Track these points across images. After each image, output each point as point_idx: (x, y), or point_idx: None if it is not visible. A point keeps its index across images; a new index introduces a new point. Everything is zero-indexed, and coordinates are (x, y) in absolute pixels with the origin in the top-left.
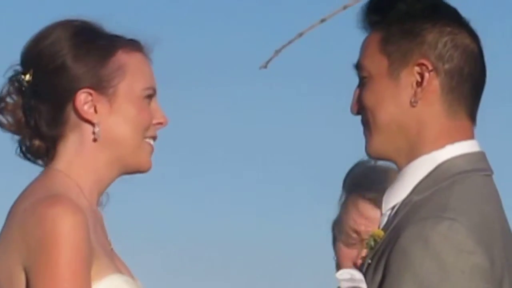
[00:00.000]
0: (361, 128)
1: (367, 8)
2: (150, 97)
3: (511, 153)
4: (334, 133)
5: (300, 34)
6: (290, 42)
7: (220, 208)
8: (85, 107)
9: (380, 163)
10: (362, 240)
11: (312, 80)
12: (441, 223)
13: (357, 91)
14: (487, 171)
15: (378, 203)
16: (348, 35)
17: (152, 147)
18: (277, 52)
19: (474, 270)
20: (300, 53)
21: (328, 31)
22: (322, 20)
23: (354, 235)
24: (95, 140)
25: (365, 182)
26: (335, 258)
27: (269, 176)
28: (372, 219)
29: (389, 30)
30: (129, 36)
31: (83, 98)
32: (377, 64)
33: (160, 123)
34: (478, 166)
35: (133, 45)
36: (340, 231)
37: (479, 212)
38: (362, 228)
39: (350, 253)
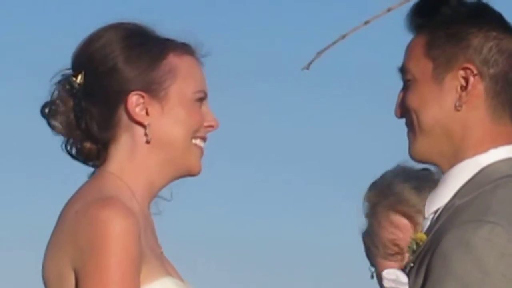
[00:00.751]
0: (399, 132)
1: (412, 11)
2: (201, 100)
3: None
4: (371, 135)
5: (343, 36)
6: (333, 44)
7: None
8: (137, 109)
9: (400, 170)
10: (401, 250)
11: (353, 82)
12: (483, 226)
13: (401, 94)
14: None
15: (409, 216)
16: (392, 38)
17: (201, 150)
18: (319, 53)
19: None
20: (343, 55)
21: (371, 34)
22: (366, 22)
23: (394, 247)
24: (147, 142)
25: (393, 193)
26: (374, 270)
27: (305, 177)
28: (406, 230)
29: (434, 34)
30: (180, 40)
31: (134, 100)
32: (422, 67)
33: (211, 126)
34: None
35: (185, 48)
36: (375, 244)
37: None
38: (400, 240)
39: (391, 265)
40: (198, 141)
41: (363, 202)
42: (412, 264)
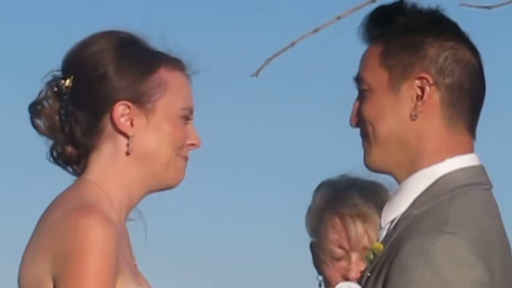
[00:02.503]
0: (347, 140)
1: (368, 21)
2: (186, 117)
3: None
4: (320, 142)
5: (293, 43)
6: (282, 51)
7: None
8: (122, 119)
9: (345, 179)
10: (347, 253)
11: (302, 89)
12: (442, 237)
13: (357, 104)
14: (486, 185)
15: (355, 219)
16: (341, 45)
17: (185, 162)
18: (269, 60)
19: (474, 285)
20: (292, 62)
21: (321, 41)
22: (315, 30)
23: (339, 250)
24: (129, 153)
25: (340, 199)
26: (321, 277)
27: (255, 186)
28: (352, 235)
29: (389, 43)
30: (172, 54)
31: (121, 110)
32: (378, 77)
33: (193, 145)
34: (478, 180)
35: (176, 63)
36: (322, 250)
37: (479, 226)
38: (345, 244)
39: (338, 268)
40: (180, 159)
41: (311, 212)
42: (369, 274)
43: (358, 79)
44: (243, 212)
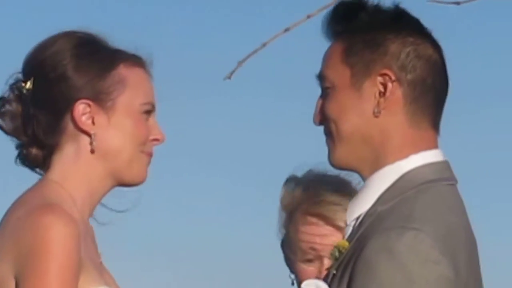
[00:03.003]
0: (318, 138)
1: (329, 17)
2: (148, 112)
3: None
4: (292, 142)
5: (264, 44)
6: (253, 53)
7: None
8: (83, 118)
9: (312, 175)
10: (319, 255)
11: (276, 90)
12: (406, 233)
13: (320, 102)
14: (451, 181)
15: (325, 217)
16: (311, 44)
17: (148, 158)
18: (241, 63)
19: (440, 280)
20: (264, 63)
21: (292, 41)
22: (286, 30)
23: (311, 251)
24: (92, 151)
25: (309, 197)
26: (294, 277)
27: (234, 186)
28: (324, 234)
29: (351, 40)
30: (131, 51)
31: (81, 108)
32: (340, 74)
33: (157, 139)
34: (443, 175)
35: (135, 60)
36: (293, 250)
37: (444, 221)
38: (317, 244)
39: (310, 270)
40: (144, 155)
41: (279, 211)
42: (334, 272)
43: (321, 77)
44: (226, 210)
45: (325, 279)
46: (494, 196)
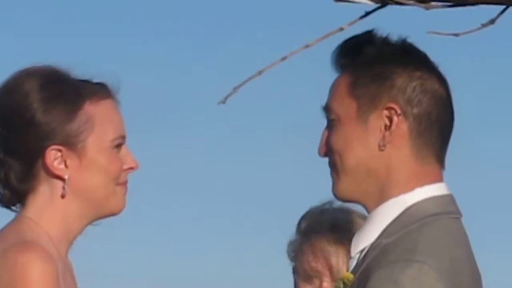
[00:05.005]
0: (325, 169)
1: (338, 50)
2: (119, 145)
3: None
4: (287, 170)
5: (260, 72)
6: (249, 79)
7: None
8: (55, 163)
9: (333, 206)
10: (320, 275)
11: (270, 117)
12: (411, 266)
13: (325, 133)
14: (456, 214)
15: (332, 242)
16: (309, 74)
17: (125, 188)
18: (236, 88)
19: None
20: (260, 90)
21: (288, 70)
22: (283, 58)
23: (313, 272)
24: (64, 195)
25: (321, 224)
26: None
27: (225, 214)
28: (327, 256)
29: (358, 73)
30: (96, 80)
31: (52, 154)
32: (346, 107)
33: (131, 168)
34: (447, 208)
35: (101, 92)
36: (298, 271)
37: (448, 254)
38: (319, 265)
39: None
40: (119, 187)
41: (291, 238)
42: None
43: (327, 109)
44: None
45: None
46: (498, 230)
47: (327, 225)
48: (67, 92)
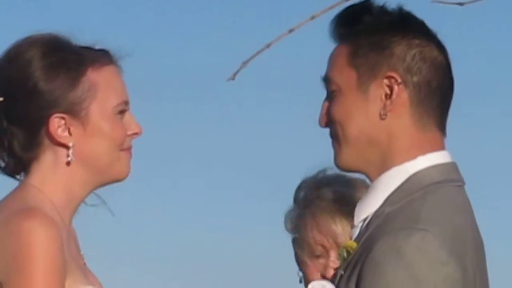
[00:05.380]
0: (324, 140)
1: (335, 20)
2: (122, 112)
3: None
4: (297, 142)
5: (268, 45)
6: (257, 53)
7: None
8: (59, 131)
9: (331, 176)
10: (327, 251)
11: (280, 90)
12: (414, 234)
13: (326, 104)
14: (459, 182)
15: (336, 217)
16: (316, 45)
17: (129, 153)
18: (245, 63)
19: (447, 281)
20: (269, 64)
21: (296, 42)
22: (290, 31)
23: (319, 248)
24: (70, 161)
25: (320, 196)
26: (301, 273)
27: (233, 185)
28: (333, 232)
29: (357, 42)
30: (98, 46)
31: (56, 122)
32: (346, 77)
33: (135, 133)
34: (450, 176)
35: (103, 58)
36: (302, 246)
37: (451, 222)
38: (325, 242)
39: (317, 266)
40: (124, 152)
41: (290, 209)
42: (342, 272)
43: (326, 80)
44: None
45: (332, 280)
46: (501, 197)
47: (329, 198)
48: (69, 59)
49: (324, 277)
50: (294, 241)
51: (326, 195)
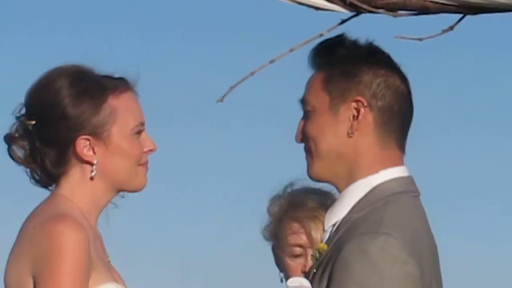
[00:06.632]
0: (298, 154)
1: (313, 51)
2: (139, 132)
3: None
4: (277, 156)
5: (252, 73)
6: (243, 80)
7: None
8: (84, 150)
9: (300, 188)
10: (305, 250)
11: (262, 112)
12: (378, 237)
13: (302, 123)
14: (415, 193)
15: (311, 222)
16: (294, 74)
17: (145, 168)
18: (232, 88)
19: (407, 278)
20: (251, 89)
21: (276, 71)
22: (271, 61)
23: (298, 248)
24: (93, 177)
25: (297, 204)
26: (282, 273)
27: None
28: (309, 234)
29: (330, 71)
30: (117, 75)
31: (82, 143)
32: (320, 100)
33: (151, 150)
34: (408, 188)
35: (121, 85)
36: (282, 249)
37: (410, 228)
38: (303, 242)
39: (297, 264)
40: (141, 167)
41: (268, 218)
42: (315, 270)
43: (303, 101)
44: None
45: (306, 277)
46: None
47: (302, 206)
48: (93, 88)
49: (304, 272)
50: (274, 247)
51: (300, 204)
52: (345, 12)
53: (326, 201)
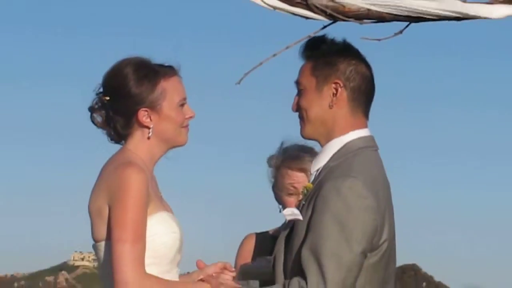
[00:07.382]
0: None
1: (303, 47)
2: (183, 104)
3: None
4: (283, 126)
5: (261, 63)
6: (254, 68)
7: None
8: (144, 118)
9: (296, 145)
10: (297, 190)
11: (275, 94)
12: (348, 179)
13: (296, 98)
14: (375, 147)
15: (301, 170)
16: (291, 64)
17: (187, 129)
18: (247, 74)
19: (368, 208)
20: (261, 75)
21: (278, 61)
22: (274, 55)
23: (292, 188)
24: (151, 136)
25: (291, 157)
26: (281, 206)
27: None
28: (300, 179)
29: (316, 61)
30: (167, 63)
31: (142, 113)
32: (309, 82)
33: (191, 117)
34: (370, 144)
35: (170, 71)
36: (280, 188)
37: (370, 173)
38: (296, 184)
39: (291, 200)
40: (184, 129)
41: (268, 167)
42: (303, 203)
43: (297, 83)
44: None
45: (297, 207)
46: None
47: (295, 156)
48: (150, 74)
49: (296, 206)
50: (274, 187)
51: (293, 155)
52: (326, 20)
53: (311, 155)
